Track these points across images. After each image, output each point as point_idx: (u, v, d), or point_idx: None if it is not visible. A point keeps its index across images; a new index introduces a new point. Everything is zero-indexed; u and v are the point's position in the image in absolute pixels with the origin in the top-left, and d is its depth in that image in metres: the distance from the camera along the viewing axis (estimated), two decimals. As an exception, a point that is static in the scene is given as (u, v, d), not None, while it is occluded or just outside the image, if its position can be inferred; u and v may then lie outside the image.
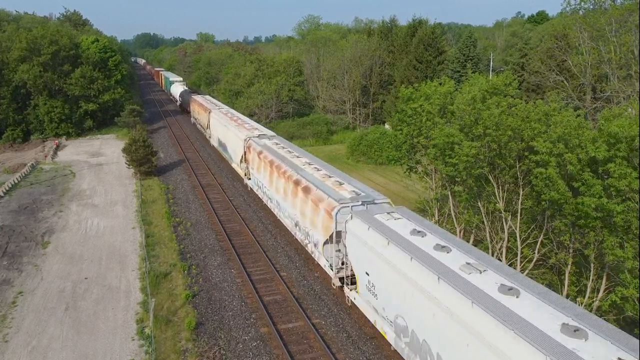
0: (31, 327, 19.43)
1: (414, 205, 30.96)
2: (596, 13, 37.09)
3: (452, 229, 24.18)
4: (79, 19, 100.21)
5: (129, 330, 19.15)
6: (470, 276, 13.59)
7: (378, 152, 46.72)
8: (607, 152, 15.20)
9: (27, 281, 23.22)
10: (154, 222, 30.60)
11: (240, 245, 26.99)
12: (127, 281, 23.22)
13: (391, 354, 17.28)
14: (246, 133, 36.74)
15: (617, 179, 14.76)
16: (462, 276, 13.63)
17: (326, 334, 18.75)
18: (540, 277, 20.27)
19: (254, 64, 73.51)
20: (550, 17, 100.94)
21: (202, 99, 62.59)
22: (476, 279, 13.44)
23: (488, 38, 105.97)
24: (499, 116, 18.95)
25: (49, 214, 32.53)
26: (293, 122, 61.07)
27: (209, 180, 40.07)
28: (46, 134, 58.68)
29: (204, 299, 21.43)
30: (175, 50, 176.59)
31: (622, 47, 34.47)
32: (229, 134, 40.96)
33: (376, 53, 62.50)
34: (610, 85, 35.69)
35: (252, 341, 18.35)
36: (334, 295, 21.58)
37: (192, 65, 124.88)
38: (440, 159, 22.29)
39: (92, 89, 59.72)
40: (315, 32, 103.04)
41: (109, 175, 42.04)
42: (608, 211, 15.07)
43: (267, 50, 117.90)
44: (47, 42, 56.38)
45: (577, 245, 17.74)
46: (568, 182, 16.66)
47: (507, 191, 20.63)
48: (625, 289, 15.12)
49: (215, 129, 48.51)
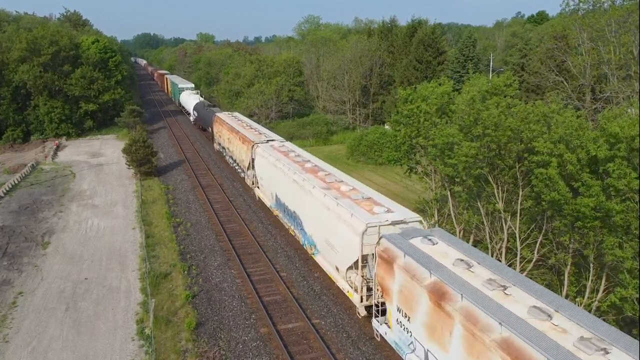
0: (31, 327, 19.47)
1: (413, 205, 30.96)
2: (595, 14, 37.10)
3: (452, 229, 24.20)
4: (79, 19, 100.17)
5: (129, 331, 19.18)
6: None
7: (378, 152, 46.75)
8: (608, 152, 15.23)
9: (27, 281, 23.26)
10: (154, 222, 30.63)
11: (240, 246, 27.02)
12: (127, 281, 23.26)
13: (392, 354, 17.31)
14: (363, 216, 18.81)
15: (616, 179, 14.79)
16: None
17: (326, 334, 18.78)
18: (540, 278, 20.29)
19: (254, 64, 73.53)
20: (550, 18, 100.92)
21: (234, 121, 42.93)
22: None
23: (488, 38, 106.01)
24: (498, 116, 18.98)
25: (49, 214, 32.56)
26: (293, 122, 61.11)
27: (209, 180, 40.09)
28: (46, 135, 58.69)
29: (204, 299, 21.46)
30: (175, 50, 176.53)
31: (622, 48, 34.48)
32: (309, 200, 23.09)
33: (376, 53, 62.53)
34: (609, 86, 35.69)
35: (252, 341, 18.38)
36: (334, 295, 21.60)
37: (192, 66, 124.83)
38: (439, 159, 22.31)
39: (92, 89, 59.74)
40: (315, 33, 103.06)
41: (109, 176, 42.07)
42: (607, 211, 15.10)
43: (267, 50, 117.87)
44: (47, 42, 56.40)
45: (576, 246, 17.76)
46: (568, 182, 16.69)
47: (507, 191, 20.65)
48: (625, 289, 15.14)
49: (268, 177, 29.92)
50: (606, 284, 17.27)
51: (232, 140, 39.62)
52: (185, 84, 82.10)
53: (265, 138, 34.53)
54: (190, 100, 66.95)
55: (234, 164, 40.15)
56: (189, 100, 68.04)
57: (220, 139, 44.75)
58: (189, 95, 70.81)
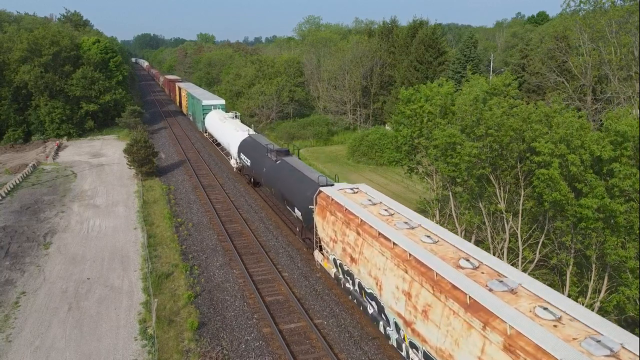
0: (34, 327, 19.49)
1: (414, 206, 30.99)
2: (596, 14, 37.14)
3: (454, 230, 24.25)
4: (79, 20, 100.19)
5: (132, 331, 19.21)
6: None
7: (379, 152, 46.77)
8: (612, 152, 15.25)
9: (29, 281, 23.28)
10: (155, 222, 30.66)
11: (241, 246, 27.05)
12: (129, 281, 23.29)
13: (393, 354, 17.34)
14: None
15: (621, 179, 14.81)
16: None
17: (328, 335, 18.80)
18: (541, 278, 20.34)
19: (254, 64, 73.61)
20: (550, 18, 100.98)
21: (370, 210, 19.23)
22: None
23: (488, 39, 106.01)
24: (500, 117, 19.02)
25: (51, 214, 32.59)
26: (294, 122, 61.16)
27: (210, 180, 40.13)
28: (47, 135, 58.72)
29: (206, 299, 21.49)
30: (176, 51, 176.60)
31: (622, 49, 34.54)
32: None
33: (377, 54, 62.57)
34: (610, 87, 35.76)
35: (255, 341, 18.41)
36: (336, 295, 21.63)
37: (192, 66, 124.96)
38: (441, 159, 22.35)
39: (93, 89, 59.80)
40: (316, 33, 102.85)
41: (110, 176, 42.10)
42: (611, 211, 15.13)
43: (268, 51, 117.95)
44: (48, 42, 56.48)
45: (578, 246, 17.79)
46: (570, 183, 16.72)
47: (509, 192, 20.70)
48: (629, 289, 15.18)
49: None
50: (608, 284, 17.31)
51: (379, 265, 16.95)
52: (212, 99, 57.14)
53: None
54: (228, 131, 41.22)
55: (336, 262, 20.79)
56: (226, 130, 42.21)
57: (325, 229, 21.36)
58: (222, 120, 45.66)
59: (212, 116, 50.48)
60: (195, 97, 61.16)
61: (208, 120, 51.54)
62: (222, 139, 44.22)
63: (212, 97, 60.55)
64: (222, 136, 44.38)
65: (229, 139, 40.92)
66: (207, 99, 57.18)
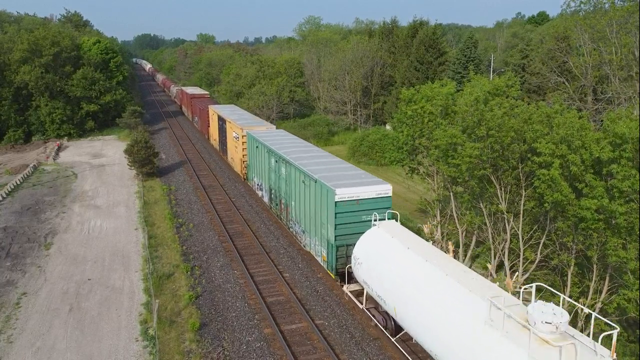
0: (35, 328, 19.50)
1: (415, 206, 31.04)
2: (596, 14, 37.16)
3: (454, 230, 24.26)
4: (79, 20, 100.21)
5: (133, 331, 19.22)
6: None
7: (379, 153, 46.76)
8: (611, 153, 15.25)
9: (30, 282, 23.29)
10: (156, 223, 30.67)
11: (242, 247, 27.06)
12: (130, 282, 23.30)
13: (394, 354, 17.35)
14: None
15: (620, 180, 14.81)
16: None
17: (329, 335, 18.81)
18: (542, 279, 20.34)
19: (255, 65, 73.62)
20: (550, 18, 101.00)
21: None
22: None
23: (488, 39, 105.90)
24: (501, 117, 19.02)
25: (52, 215, 32.60)
26: (294, 123, 61.19)
27: (211, 181, 40.14)
28: (48, 135, 58.76)
29: (207, 300, 21.50)
30: (176, 51, 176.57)
31: (623, 49, 34.55)
32: None
33: (377, 54, 62.57)
34: (611, 87, 35.77)
35: (256, 342, 18.42)
36: (337, 296, 21.63)
37: (192, 66, 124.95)
38: (442, 160, 22.35)
39: (93, 90, 59.83)
40: (316, 33, 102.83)
41: (110, 177, 42.11)
42: (611, 212, 15.13)
43: (268, 51, 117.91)
44: (49, 43, 56.49)
45: (579, 247, 17.79)
46: (571, 183, 16.72)
47: (510, 192, 20.70)
48: (630, 291, 15.18)
49: None
50: (609, 285, 17.31)
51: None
52: (287, 140, 30.45)
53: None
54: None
55: None
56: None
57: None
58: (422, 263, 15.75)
59: (381, 242, 18.05)
60: (260, 142, 29.69)
61: (367, 251, 18.46)
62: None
63: (284, 134, 32.56)
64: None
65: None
66: (292, 150, 26.83)
